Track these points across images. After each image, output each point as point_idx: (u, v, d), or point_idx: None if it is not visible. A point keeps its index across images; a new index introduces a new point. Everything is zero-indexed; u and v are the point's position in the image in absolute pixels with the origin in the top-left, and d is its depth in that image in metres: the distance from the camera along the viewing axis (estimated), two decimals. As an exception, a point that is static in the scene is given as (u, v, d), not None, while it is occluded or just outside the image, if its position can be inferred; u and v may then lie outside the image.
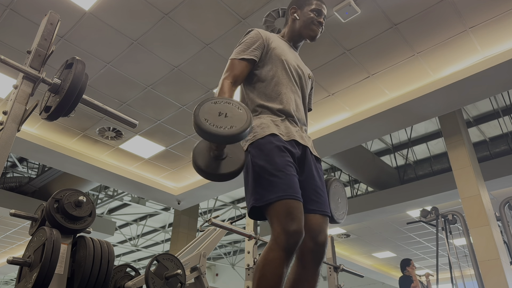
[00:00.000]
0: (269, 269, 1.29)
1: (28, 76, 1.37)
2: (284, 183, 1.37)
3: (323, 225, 1.50)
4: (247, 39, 1.67)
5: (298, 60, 1.78)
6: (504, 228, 5.27)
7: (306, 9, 1.79)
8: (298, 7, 1.81)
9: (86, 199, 1.82)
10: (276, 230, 1.33)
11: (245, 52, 1.62)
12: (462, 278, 5.61)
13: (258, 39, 1.66)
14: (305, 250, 1.44)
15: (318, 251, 1.46)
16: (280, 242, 1.30)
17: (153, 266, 2.29)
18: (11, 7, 3.68)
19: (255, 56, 1.63)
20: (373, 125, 5.16)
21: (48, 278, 1.49)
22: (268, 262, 1.29)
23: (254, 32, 1.69)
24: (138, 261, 14.17)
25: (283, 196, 1.34)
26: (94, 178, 6.67)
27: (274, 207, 1.35)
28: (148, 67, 4.46)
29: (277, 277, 1.28)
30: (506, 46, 4.09)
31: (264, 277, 1.28)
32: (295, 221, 1.33)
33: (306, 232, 1.42)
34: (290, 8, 1.83)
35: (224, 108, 1.32)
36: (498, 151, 6.39)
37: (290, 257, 1.32)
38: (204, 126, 1.24)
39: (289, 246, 1.30)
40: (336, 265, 3.71)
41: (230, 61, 1.63)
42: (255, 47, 1.64)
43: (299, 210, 1.36)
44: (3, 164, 1.24)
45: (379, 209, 7.29)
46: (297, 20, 1.80)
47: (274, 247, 1.30)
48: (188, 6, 3.70)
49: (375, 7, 3.70)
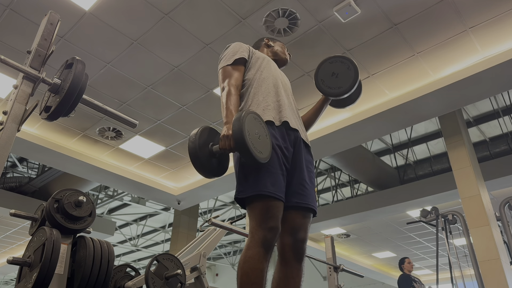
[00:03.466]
0: (249, 265, 1.34)
1: (28, 76, 1.37)
2: (268, 180, 1.42)
3: (304, 221, 1.54)
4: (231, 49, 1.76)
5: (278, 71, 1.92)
6: (504, 228, 5.26)
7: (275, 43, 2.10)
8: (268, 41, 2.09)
9: (86, 199, 1.82)
10: (253, 226, 1.39)
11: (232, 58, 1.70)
12: (462, 278, 5.61)
13: (241, 46, 1.77)
14: (286, 247, 1.49)
15: (298, 247, 1.50)
16: (257, 239, 1.36)
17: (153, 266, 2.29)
18: (11, 7, 3.68)
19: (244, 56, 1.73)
20: (373, 125, 5.16)
21: (48, 278, 1.49)
22: (247, 259, 1.35)
23: (237, 42, 1.81)
24: (138, 261, 14.17)
25: (264, 193, 1.40)
26: (94, 178, 6.67)
27: (253, 202, 1.42)
28: (148, 67, 4.46)
29: (258, 271, 1.33)
30: (506, 46, 4.09)
31: (246, 274, 1.33)
32: (272, 219, 1.39)
33: (287, 229, 1.48)
34: (264, 41, 2.07)
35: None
36: (498, 151, 6.39)
37: (269, 252, 1.38)
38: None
39: (266, 241, 1.36)
40: (336, 265, 3.71)
41: (221, 69, 1.69)
42: (241, 51, 1.74)
43: (277, 209, 1.41)
44: (3, 164, 1.24)
45: (379, 209, 7.29)
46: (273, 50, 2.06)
47: (252, 244, 1.36)
48: (188, 6, 3.70)
49: (375, 7, 3.70)
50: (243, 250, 1.39)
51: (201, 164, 1.42)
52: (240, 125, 1.34)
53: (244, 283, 1.33)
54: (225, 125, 1.44)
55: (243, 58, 1.71)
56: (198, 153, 1.41)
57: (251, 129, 1.37)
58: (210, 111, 5.22)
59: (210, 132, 1.48)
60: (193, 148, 1.42)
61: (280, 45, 2.07)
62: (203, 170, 1.44)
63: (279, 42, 2.08)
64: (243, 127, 1.33)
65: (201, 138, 1.44)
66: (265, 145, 1.40)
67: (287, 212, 1.50)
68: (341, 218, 7.85)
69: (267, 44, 2.05)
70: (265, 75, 1.72)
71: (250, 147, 1.32)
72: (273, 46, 2.04)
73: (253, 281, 1.32)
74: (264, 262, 1.36)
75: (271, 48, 2.03)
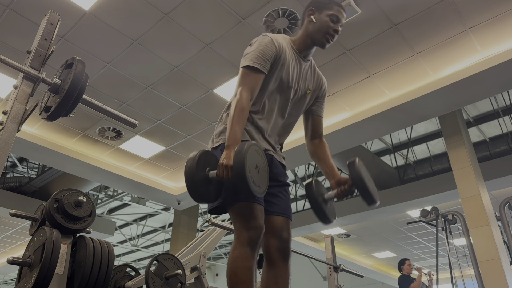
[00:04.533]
0: (237, 265, 1.38)
1: (28, 76, 1.37)
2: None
3: (285, 224, 1.59)
4: (260, 46, 1.58)
5: (301, 75, 1.71)
6: (504, 228, 5.27)
7: (324, 13, 1.67)
8: (316, 9, 1.69)
9: (86, 199, 1.82)
10: (238, 228, 1.44)
11: (259, 62, 1.55)
12: (462, 278, 5.61)
13: (271, 49, 1.58)
14: (271, 249, 1.54)
15: (283, 247, 1.54)
16: (243, 239, 1.41)
17: (153, 266, 2.29)
18: (11, 7, 3.68)
19: (266, 69, 1.57)
20: (373, 125, 5.16)
21: (48, 278, 1.49)
22: (235, 259, 1.39)
23: (268, 40, 1.60)
24: (138, 261, 14.17)
25: (246, 199, 1.45)
26: (94, 178, 6.67)
27: (237, 208, 1.47)
28: (148, 67, 4.45)
29: (247, 270, 1.38)
30: (506, 46, 4.09)
31: (235, 273, 1.38)
32: (255, 219, 1.44)
33: (270, 232, 1.54)
34: (308, 9, 1.71)
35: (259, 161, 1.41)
36: (498, 151, 6.39)
37: (255, 251, 1.42)
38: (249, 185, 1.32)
39: (252, 241, 1.41)
40: (336, 265, 3.71)
41: (244, 70, 1.56)
42: (267, 57, 1.57)
43: (259, 210, 1.47)
44: (3, 164, 1.24)
45: (379, 209, 7.28)
46: (312, 23, 1.68)
47: (238, 245, 1.41)
48: (188, 6, 3.70)
49: (375, 7, 3.70)
50: (230, 251, 1.44)
51: (195, 189, 1.38)
52: (242, 160, 1.31)
53: (234, 282, 1.37)
54: (226, 149, 1.40)
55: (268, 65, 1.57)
56: (195, 178, 1.37)
57: (252, 163, 1.35)
58: (210, 111, 5.22)
59: (208, 156, 1.44)
60: (189, 173, 1.37)
61: (326, 19, 1.67)
62: (197, 195, 1.40)
63: (330, 12, 1.67)
64: (245, 163, 1.30)
65: (199, 163, 1.38)
66: (263, 179, 1.40)
67: (268, 217, 1.55)
68: (341, 218, 7.84)
69: (310, 15, 1.69)
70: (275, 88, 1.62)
71: (250, 182, 1.31)
72: (314, 22, 1.67)
73: (242, 279, 1.36)
74: (252, 261, 1.40)
75: (312, 25, 1.68)
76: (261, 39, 1.62)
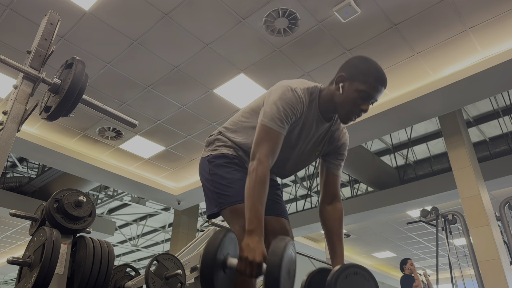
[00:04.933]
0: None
1: (28, 76, 1.37)
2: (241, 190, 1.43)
3: (285, 225, 1.59)
4: (288, 103, 1.40)
5: (313, 136, 1.55)
6: (504, 228, 5.27)
7: (355, 84, 1.41)
8: (348, 77, 1.43)
9: (86, 199, 1.82)
10: (237, 229, 1.40)
11: (283, 124, 1.39)
12: (462, 278, 5.61)
13: (296, 110, 1.42)
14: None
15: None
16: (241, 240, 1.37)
17: (153, 266, 2.28)
18: (11, 7, 3.68)
19: (286, 130, 1.42)
20: (373, 125, 5.16)
21: (48, 278, 1.49)
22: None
23: (297, 100, 1.42)
24: (138, 261, 14.17)
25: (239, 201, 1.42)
26: (94, 178, 6.67)
27: (232, 210, 1.44)
28: (148, 67, 4.45)
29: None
30: (506, 46, 4.09)
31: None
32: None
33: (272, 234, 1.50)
34: (339, 74, 1.46)
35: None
36: (498, 151, 6.39)
37: None
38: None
39: None
40: (336, 265, 3.70)
41: (267, 128, 1.38)
42: (289, 119, 1.41)
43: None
44: (3, 164, 1.24)
45: (379, 209, 7.28)
46: (339, 93, 1.44)
47: None
48: (188, 6, 3.70)
49: (375, 7, 3.70)
50: None
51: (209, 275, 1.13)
52: (278, 265, 1.09)
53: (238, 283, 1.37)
54: (248, 235, 1.21)
55: (289, 125, 1.43)
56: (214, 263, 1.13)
57: (286, 268, 1.13)
58: (210, 111, 5.22)
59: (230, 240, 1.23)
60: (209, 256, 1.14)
61: (354, 95, 1.41)
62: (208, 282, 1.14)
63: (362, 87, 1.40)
64: (281, 269, 1.08)
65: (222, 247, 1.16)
66: (290, 284, 1.20)
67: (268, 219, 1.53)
68: (341, 218, 7.83)
69: (339, 83, 1.45)
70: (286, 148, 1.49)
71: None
72: (341, 93, 1.44)
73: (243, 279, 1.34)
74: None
75: (338, 95, 1.45)
76: (290, 95, 1.41)
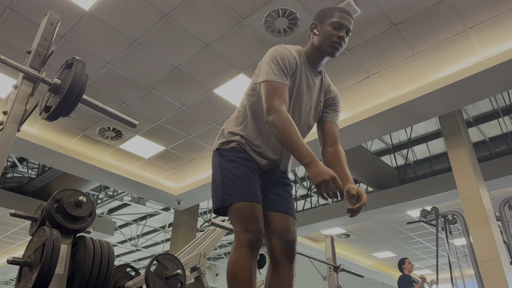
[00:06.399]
0: (237, 265, 1.40)
1: (28, 76, 1.37)
2: (250, 187, 1.52)
3: (289, 224, 1.60)
4: (280, 56, 1.57)
5: (311, 89, 1.70)
6: (504, 228, 5.27)
7: (326, 23, 1.63)
8: (319, 22, 1.67)
9: (86, 199, 1.82)
10: (238, 230, 1.46)
11: (282, 75, 1.54)
12: (462, 278, 5.61)
13: (289, 60, 1.58)
14: (276, 250, 1.55)
15: (288, 248, 1.55)
16: (243, 241, 1.43)
17: (153, 266, 2.28)
18: (11, 7, 3.68)
19: (288, 82, 1.57)
20: (373, 125, 5.16)
21: (48, 278, 1.49)
22: (235, 260, 1.41)
23: (287, 51, 1.60)
24: (138, 261, 14.17)
25: (244, 199, 1.48)
26: (94, 178, 6.67)
27: (238, 208, 1.48)
28: (148, 67, 4.45)
29: (247, 270, 1.40)
30: (506, 46, 4.09)
31: (235, 274, 1.40)
32: (255, 222, 1.46)
33: (275, 232, 1.56)
34: (311, 24, 1.70)
35: None
36: (498, 151, 6.39)
37: (254, 252, 1.44)
38: None
39: (252, 242, 1.43)
40: (336, 265, 3.71)
41: (269, 83, 1.51)
42: (287, 68, 1.56)
43: (258, 212, 1.49)
44: (3, 164, 1.24)
45: (379, 209, 7.28)
46: (316, 36, 1.65)
47: (238, 246, 1.43)
48: (188, 6, 3.70)
49: (375, 7, 3.70)
50: (230, 253, 1.46)
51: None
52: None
53: (234, 282, 1.39)
54: (309, 167, 1.35)
55: (288, 77, 1.57)
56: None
57: None
58: (210, 111, 5.22)
59: None
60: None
61: (328, 28, 1.61)
62: None
63: (331, 20, 1.62)
64: None
65: None
66: None
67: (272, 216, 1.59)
68: (341, 218, 7.84)
69: (313, 30, 1.67)
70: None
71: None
72: (318, 34, 1.64)
73: (242, 279, 1.38)
74: (252, 261, 1.42)
75: (316, 38, 1.65)
76: (280, 50, 1.59)
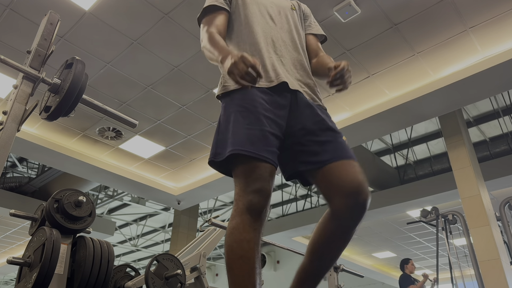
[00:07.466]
0: (234, 237, 1.12)
1: (28, 76, 1.37)
2: (247, 139, 1.18)
3: (354, 169, 1.24)
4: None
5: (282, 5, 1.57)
6: (504, 228, 5.27)
7: None
8: None
9: (86, 199, 1.82)
10: (237, 193, 1.17)
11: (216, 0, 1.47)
12: (462, 278, 5.61)
13: None
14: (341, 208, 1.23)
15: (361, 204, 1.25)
16: (241, 206, 1.14)
17: (153, 266, 2.29)
18: (11, 7, 3.68)
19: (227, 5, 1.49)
20: (373, 125, 5.16)
21: (48, 278, 1.49)
22: (232, 230, 1.13)
23: None
24: (138, 261, 14.16)
25: (241, 152, 1.16)
26: (94, 178, 6.67)
27: (235, 166, 1.19)
28: (148, 67, 4.45)
29: (244, 242, 1.10)
30: (506, 46, 4.09)
31: (230, 247, 1.11)
32: (258, 180, 1.15)
33: (336, 192, 1.21)
34: None
35: None
36: (498, 151, 6.39)
37: (257, 219, 1.13)
38: None
39: (252, 206, 1.13)
40: (336, 265, 3.71)
41: (202, 13, 1.49)
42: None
43: (264, 169, 1.16)
44: (3, 164, 1.23)
45: (379, 209, 7.28)
46: None
47: (236, 213, 1.14)
48: (188, 6, 3.70)
49: (375, 7, 3.70)
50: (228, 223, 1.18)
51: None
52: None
53: (230, 258, 1.10)
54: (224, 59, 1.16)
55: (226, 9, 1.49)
56: None
57: None
58: (210, 111, 5.22)
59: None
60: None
61: None
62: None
63: None
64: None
65: None
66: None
67: (325, 170, 1.22)
68: (341, 218, 7.83)
69: None
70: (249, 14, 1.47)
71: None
72: None
73: (239, 254, 1.09)
74: (251, 232, 1.11)
75: None
76: None
